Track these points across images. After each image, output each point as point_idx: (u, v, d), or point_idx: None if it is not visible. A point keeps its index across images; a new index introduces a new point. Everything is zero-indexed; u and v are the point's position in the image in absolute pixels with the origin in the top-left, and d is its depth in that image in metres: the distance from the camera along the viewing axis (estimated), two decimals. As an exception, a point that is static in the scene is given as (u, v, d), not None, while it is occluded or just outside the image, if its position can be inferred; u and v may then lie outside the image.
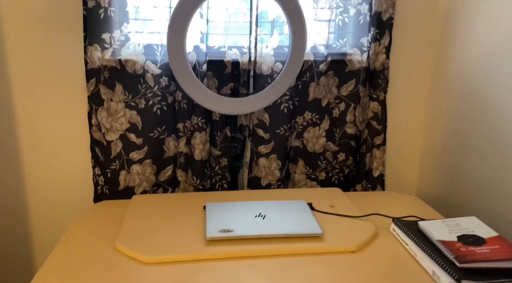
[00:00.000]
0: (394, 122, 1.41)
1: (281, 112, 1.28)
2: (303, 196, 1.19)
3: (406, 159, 1.44)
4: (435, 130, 1.35)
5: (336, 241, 0.91)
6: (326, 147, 1.35)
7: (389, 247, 0.92)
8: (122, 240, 0.90)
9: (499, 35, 1.06)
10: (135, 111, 1.22)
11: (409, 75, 1.37)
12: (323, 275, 0.81)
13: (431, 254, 0.81)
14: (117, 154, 1.24)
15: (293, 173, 1.38)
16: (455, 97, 1.24)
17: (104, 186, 1.27)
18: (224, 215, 1.01)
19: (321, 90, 1.30)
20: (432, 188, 1.37)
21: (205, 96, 1.18)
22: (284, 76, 1.21)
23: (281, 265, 0.84)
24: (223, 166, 1.32)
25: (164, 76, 1.21)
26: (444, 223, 0.91)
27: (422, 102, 1.40)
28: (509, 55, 1.02)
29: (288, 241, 0.91)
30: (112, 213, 1.08)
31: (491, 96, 1.08)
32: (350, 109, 1.33)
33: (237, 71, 1.23)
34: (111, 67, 1.18)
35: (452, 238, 0.85)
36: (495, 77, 1.07)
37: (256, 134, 1.30)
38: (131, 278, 0.79)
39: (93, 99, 1.19)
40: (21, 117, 1.22)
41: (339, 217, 1.04)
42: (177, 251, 0.87)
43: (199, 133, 1.24)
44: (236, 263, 0.84)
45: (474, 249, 0.80)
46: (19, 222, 1.30)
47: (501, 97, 1.05)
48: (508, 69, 1.02)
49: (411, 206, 1.15)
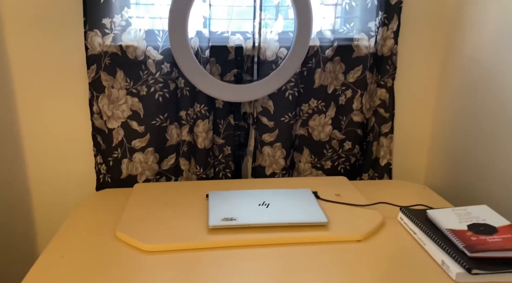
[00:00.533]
0: (402, 110, 1.37)
1: (285, 99, 1.25)
2: (308, 184, 1.16)
3: (414, 147, 1.41)
4: (444, 118, 1.32)
5: (342, 230, 0.89)
6: (332, 135, 1.32)
7: (397, 236, 0.89)
8: (123, 229, 0.89)
9: (511, 20, 1.01)
10: (137, 98, 1.20)
11: (418, 61, 1.33)
12: (328, 264, 0.79)
13: (441, 243, 0.79)
14: (119, 142, 1.22)
15: (298, 162, 1.35)
16: (465, 84, 1.20)
17: (106, 175, 1.25)
18: (227, 203, 0.98)
19: (327, 76, 1.27)
20: (440, 177, 1.33)
21: (208, 83, 1.15)
22: (289, 62, 1.18)
23: (285, 254, 0.82)
24: (227, 154, 1.29)
25: (166, 62, 1.19)
26: (453, 211, 0.88)
27: (431, 89, 1.36)
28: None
29: (292, 229, 0.89)
30: (114, 201, 1.07)
31: (502, 83, 1.04)
32: (357, 97, 1.30)
33: (240, 57, 1.20)
34: (112, 53, 1.15)
35: (462, 227, 0.82)
36: (506, 64, 1.03)
37: (260, 122, 1.27)
38: (131, 266, 0.78)
39: (94, 86, 1.17)
40: (22, 106, 1.21)
41: (345, 206, 1.01)
42: (179, 239, 0.85)
43: (202, 121, 1.22)
44: (238, 252, 0.82)
45: (485, 238, 0.77)
46: (22, 209, 1.29)
47: (515, 82, 1.01)
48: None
49: (419, 195, 1.12)
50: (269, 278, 0.74)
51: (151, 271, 0.76)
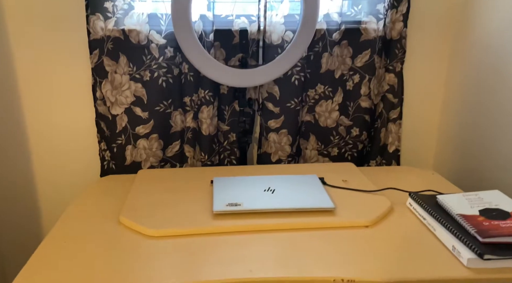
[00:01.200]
0: (411, 95, 1.34)
1: (292, 84, 1.23)
2: (315, 170, 1.14)
3: (423, 133, 1.38)
4: (454, 103, 1.28)
5: (349, 216, 0.87)
6: (339, 121, 1.30)
7: (406, 222, 0.87)
8: (126, 214, 0.87)
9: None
10: (140, 84, 1.18)
11: (427, 45, 1.29)
12: (336, 249, 0.77)
13: (451, 229, 0.76)
14: (123, 128, 1.21)
15: (304, 149, 1.33)
16: (475, 68, 1.17)
17: (111, 161, 1.24)
18: (231, 189, 0.97)
19: (334, 61, 1.24)
20: (450, 164, 1.30)
21: (212, 67, 1.13)
22: (295, 46, 1.15)
23: (291, 239, 0.80)
24: (232, 141, 1.27)
25: (169, 46, 1.17)
26: (464, 196, 0.85)
27: (441, 74, 1.33)
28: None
29: (298, 215, 0.87)
30: (118, 187, 1.06)
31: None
32: (364, 82, 1.27)
33: (245, 41, 1.17)
34: (115, 37, 1.13)
35: (474, 212, 0.79)
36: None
37: (266, 109, 1.25)
38: (134, 251, 0.77)
39: (97, 71, 1.15)
40: (25, 92, 1.20)
41: (352, 192, 0.99)
42: (183, 224, 0.83)
43: (207, 107, 1.20)
44: (244, 237, 0.81)
45: (498, 223, 0.75)
46: (27, 197, 1.29)
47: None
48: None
49: (428, 181, 1.10)
50: (275, 263, 0.73)
51: (155, 255, 0.75)
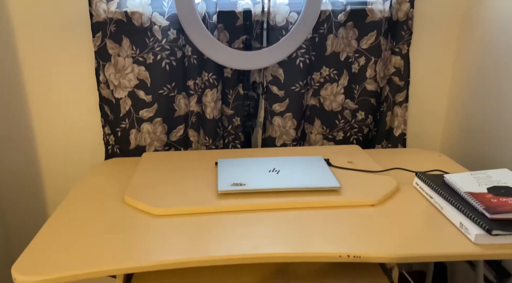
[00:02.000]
0: (418, 77, 1.32)
1: (296, 67, 1.21)
2: (320, 153, 1.13)
3: (430, 116, 1.36)
4: (461, 85, 1.26)
5: (355, 195, 0.86)
6: (345, 105, 1.28)
7: (412, 200, 0.86)
8: (131, 194, 0.87)
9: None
10: (143, 66, 1.17)
11: (435, 26, 1.27)
12: (341, 227, 0.76)
13: (459, 206, 0.75)
14: (127, 112, 1.20)
15: (309, 133, 1.32)
16: (484, 50, 1.14)
17: (115, 145, 1.24)
18: (236, 170, 0.96)
19: (339, 43, 1.22)
20: (458, 147, 1.29)
21: (216, 49, 1.12)
22: (300, 28, 1.13)
23: (297, 218, 0.80)
24: (236, 125, 1.27)
25: (172, 29, 1.15)
26: (472, 175, 0.84)
27: (449, 56, 1.30)
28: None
29: (303, 194, 0.86)
30: (122, 169, 1.05)
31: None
32: (370, 64, 1.25)
33: (249, 22, 1.16)
34: (117, 20, 1.12)
35: (482, 189, 0.78)
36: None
37: (270, 92, 1.24)
38: (139, 229, 0.76)
39: (100, 54, 1.15)
40: (29, 77, 1.19)
41: (358, 173, 0.98)
42: (187, 203, 0.83)
43: (210, 90, 1.19)
44: (249, 216, 0.80)
45: (506, 200, 0.74)
46: (32, 181, 1.29)
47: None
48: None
49: (435, 162, 1.08)
50: (280, 240, 0.72)
51: (160, 233, 0.75)
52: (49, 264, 0.66)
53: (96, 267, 0.64)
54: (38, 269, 0.64)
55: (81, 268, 0.64)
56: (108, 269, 0.64)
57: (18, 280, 0.62)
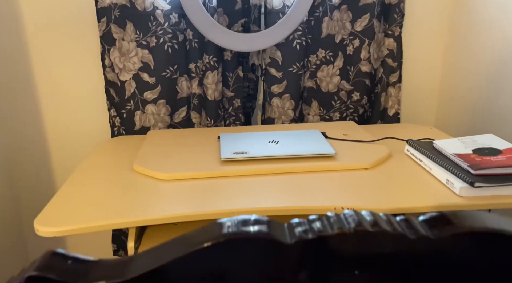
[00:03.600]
0: (411, 58, 1.37)
1: (293, 49, 1.27)
2: (318, 128, 1.19)
3: (424, 96, 1.42)
4: (454, 65, 1.32)
5: (350, 160, 0.92)
6: (340, 86, 1.34)
7: (403, 164, 0.92)
8: (140, 162, 0.93)
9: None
10: (147, 50, 1.23)
11: (427, 8, 1.32)
12: (336, 186, 0.82)
13: (446, 165, 0.81)
14: (131, 94, 1.26)
15: (307, 114, 1.37)
16: (476, 29, 1.20)
17: (121, 127, 1.29)
18: (238, 142, 1.02)
19: (334, 25, 1.27)
20: (451, 125, 1.34)
21: (217, 32, 1.17)
22: (296, 11, 1.19)
23: (295, 181, 0.85)
24: (237, 106, 1.32)
25: (174, 13, 1.21)
26: (459, 140, 0.90)
27: (441, 36, 1.36)
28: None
29: (301, 160, 0.92)
30: (129, 145, 1.11)
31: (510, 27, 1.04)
32: (364, 46, 1.30)
33: (247, 5, 1.21)
34: (121, 5, 1.18)
35: (468, 151, 0.84)
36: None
37: (269, 74, 1.29)
38: (149, 191, 0.82)
39: (105, 39, 1.20)
40: (36, 62, 1.24)
41: (353, 143, 1.03)
42: (193, 169, 0.88)
43: (211, 72, 1.24)
44: (250, 180, 0.86)
45: (489, 158, 0.79)
46: (40, 161, 1.34)
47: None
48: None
49: (427, 133, 1.14)
50: (280, 198, 0.78)
51: (168, 194, 0.80)
52: (67, 218, 0.71)
53: (110, 220, 0.69)
54: (57, 222, 0.69)
55: (96, 221, 0.69)
56: (121, 222, 0.69)
57: (41, 230, 0.67)
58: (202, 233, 0.24)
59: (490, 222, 0.25)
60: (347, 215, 0.25)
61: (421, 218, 0.25)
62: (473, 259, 0.25)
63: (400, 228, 0.24)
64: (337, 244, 0.23)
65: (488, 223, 0.25)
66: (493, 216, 0.26)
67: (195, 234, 0.24)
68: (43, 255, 0.25)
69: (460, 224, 0.24)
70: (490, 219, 0.26)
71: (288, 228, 0.24)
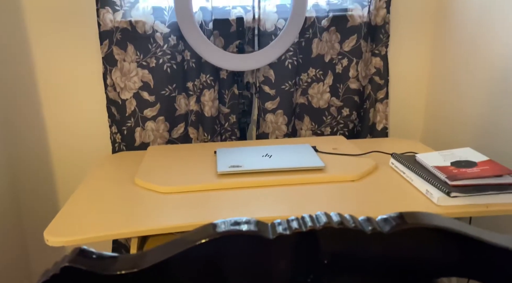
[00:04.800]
0: (397, 75, 1.45)
1: (285, 68, 1.34)
2: (308, 142, 1.25)
3: (411, 111, 1.49)
4: (439, 81, 1.39)
5: (337, 172, 0.98)
6: (331, 102, 1.41)
7: (387, 176, 0.98)
8: (141, 176, 0.98)
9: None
10: (147, 70, 1.30)
11: (411, 29, 1.40)
12: (324, 197, 0.88)
13: (426, 177, 0.87)
14: (132, 111, 1.32)
15: (300, 129, 1.44)
16: (459, 47, 1.28)
17: (121, 143, 1.35)
18: (233, 156, 1.08)
19: (323, 46, 1.35)
20: (437, 139, 1.41)
21: (213, 53, 1.24)
22: (287, 32, 1.26)
23: (287, 192, 0.91)
24: (232, 122, 1.39)
25: (172, 35, 1.28)
26: (439, 154, 0.96)
27: (425, 54, 1.44)
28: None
29: (292, 173, 0.98)
30: (129, 161, 1.17)
31: (495, 42, 1.12)
32: (352, 65, 1.38)
33: (241, 28, 1.29)
34: (123, 28, 1.25)
35: (446, 164, 0.90)
36: (498, 26, 1.10)
37: (263, 91, 1.36)
38: (149, 203, 0.87)
39: (107, 60, 1.27)
40: (43, 82, 1.31)
41: (341, 156, 1.10)
42: (191, 182, 0.94)
43: (208, 90, 1.31)
44: (245, 192, 0.92)
45: (465, 170, 0.86)
46: (44, 176, 1.40)
47: (503, 44, 1.08)
48: (510, 16, 1.05)
49: (412, 147, 1.21)
50: (273, 209, 0.83)
51: (168, 206, 0.86)
52: (74, 229, 0.76)
53: (115, 230, 0.75)
54: (65, 232, 0.75)
55: (102, 231, 0.75)
56: (125, 232, 0.75)
57: (51, 240, 0.72)
58: (201, 231, 0.29)
59: (438, 220, 0.31)
60: (318, 216, 0.31)
61: (379, 217, 0.31)
62: (421, 251, 0.30)
63: (360, 225, 0.30)
64: (311, 239, 0.29)
65: (436, 221, 0.30)
66: (442, 217, 0.32)
67: (194, 233, 0.30)
68: (72, 251, 0.30)
69: (411, 221, 0.29)
70: (439, 219, 0.32)
71: (271, 226, 0.30)
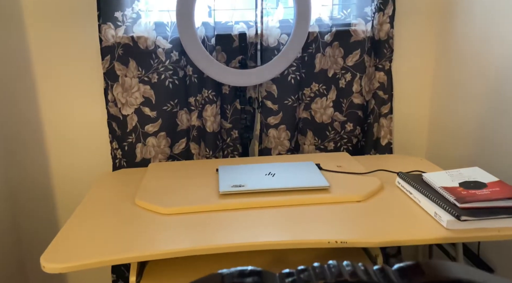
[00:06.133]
0: (401, 90, 1.43)
1: (288, 83, 1.33)
2: (312, 159, 1.23)
3: (414, 126, 1.47)
4: (442, 96, 1.38)
5: (343, 192, 0.96)
6: (334, 117, 1.39)
7: (394, 197, 0.96)
8: (141, 196, 0.96)
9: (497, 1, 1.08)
10: (149, 85, 1.28)
11: (414, 43, 1.39)
12: (330, 220, 0.85)
13: (434, 198, 0.85)
14: (133, 127, 1.30)
15: (303, 144, 1.42)
16: (461, 62, 1.27)
17: (122, 159, 1.33)
18: (236, 174, 1.06)
19: (327, 61, 1.34)
20: (442, 153, 1.39)
21: (215, 68, 1.23)
22: (290, 47, 1.25)
23: (290, 214, 0.89)
24: (234, 137, 1.37)
25: (174, 51, 1.27)
26: (447, 173, 0.94)
27: (428, 69, 1.42)
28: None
29: (296, 193, 0.96)
30: (130, 178, 1.15)
31: (496, 59, 1.10)
32: (356, 79, 1.36)
33: (244, 43, 1.28)
34: (124, 44, 1.24)
35: (454, 184, 0.88)
36: (500, 40, 1.09)
37: (265, 106, 1.35)
38: (150, 226, 0.85)
39: (108, 76, 1.26)
40: (43, 97, 1.30)
41: (346, 175, 1.08)
42: (192, 203, 0.92)
43: (210, 105, 1.30)
44: (248, 212, 0.89)
45: (474, 192, 0.83)
46: (44, 193, 1.38)
47: (505, 58, 1.07)
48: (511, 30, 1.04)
49: (417, 165, 1.19)
50: (277, 232, 0.81)
51: (169, 228, 0.84)
52: (71, 254, 0.74)
53: (114, 256, 0.72)
54: (62, 258, 0.72)
55: (100, 257, 0.72)
56: (124, 257, 0.72)
57: (47, 267, 0.70)
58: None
59: (459, 271, 0.28)
60: (330, 266, 0.29)
61: (395, 267, 0.29)
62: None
63: (375, 277, 0.28)
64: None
65: (457, 272, 0.28)
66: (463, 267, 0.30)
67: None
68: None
69: (430, 273, 0.27)
70: (460, 269, 0.29)
71: (279, 278, 0.28)
